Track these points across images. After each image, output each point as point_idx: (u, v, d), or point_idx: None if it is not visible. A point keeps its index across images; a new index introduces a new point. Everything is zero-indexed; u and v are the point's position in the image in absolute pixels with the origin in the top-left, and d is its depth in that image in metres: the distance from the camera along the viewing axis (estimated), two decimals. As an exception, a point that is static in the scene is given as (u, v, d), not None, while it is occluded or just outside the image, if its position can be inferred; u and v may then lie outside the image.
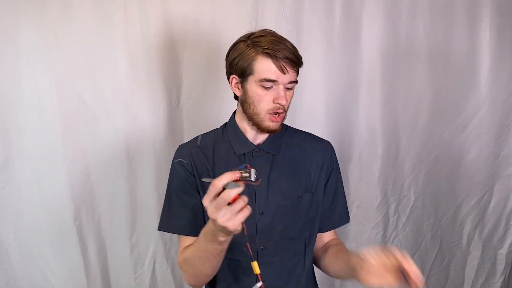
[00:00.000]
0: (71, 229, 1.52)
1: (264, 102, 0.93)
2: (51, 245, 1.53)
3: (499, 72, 1.63)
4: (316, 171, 1.03)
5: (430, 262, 1.81)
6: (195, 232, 0.95)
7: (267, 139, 1.01)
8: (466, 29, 1.60)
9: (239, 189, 0.70)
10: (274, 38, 0.93)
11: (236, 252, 0.97)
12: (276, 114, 0.94)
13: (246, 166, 0.72)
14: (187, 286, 1.70)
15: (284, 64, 0.90)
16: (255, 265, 0.80)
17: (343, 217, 1.10)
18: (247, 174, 0.71)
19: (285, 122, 1.07)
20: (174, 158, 1.03)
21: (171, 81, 1.50)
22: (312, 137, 1.10)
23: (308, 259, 1.06)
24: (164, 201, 1.05)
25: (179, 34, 1.46)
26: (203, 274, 0.93)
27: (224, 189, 0.70)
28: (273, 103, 0.93)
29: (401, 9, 1.56)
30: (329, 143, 1.10)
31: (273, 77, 0.91)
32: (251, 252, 0.81)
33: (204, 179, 0.78)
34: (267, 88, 0.92)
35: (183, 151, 1.03)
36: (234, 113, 1.06)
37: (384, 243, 1.76)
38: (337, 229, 1.13)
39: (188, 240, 0.99)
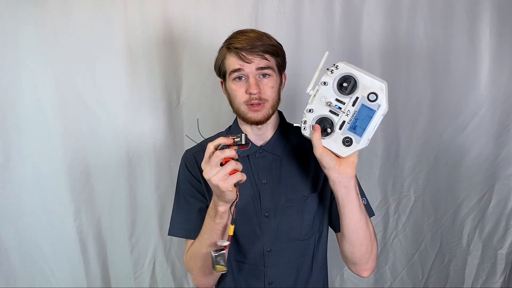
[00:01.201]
0: (71, 229, 1.52)
1: (238, 95, 0.94)
2: (51, 245, 1.53)
3: (499, 72, 1.63)
4: (323, 171, 1.02)
5: (430, 262, 1.81)
6: None
7: (270, 140, 1.01)
8: (466, 29, 1.59)
9: (231, 151, 0.75)
10: (242, 34, 0.94)
11: (248, 256, 0.98)
12: (253, 105, 0.93)
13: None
14: (187, 286, 1.71)
15: (244, 53, 0.91)
16: (231, 227, 0.83)
17: None
18: (238, 139, 0.77)
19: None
20: (181, 163, 1.04)
21: (171, 81, 1.50)
22: None
23: (318, 261, 1.04)
24: (173, 206, 1.05)
25: (179, 34, 1.46)
26: (209, 262, 0.91)
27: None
28: (246, 94, 0.93)
29: (401, 9, 1.56)
30: None
31: (236, 67, 0.92)
32: (234, 215, 0.84)
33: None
34: (239, 81, 0.93)
35: (188, 155, 1.04)
36: None
37: (384, 243, 1.76)
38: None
39: None
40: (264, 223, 0.97)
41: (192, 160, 1.02)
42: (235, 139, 0.77)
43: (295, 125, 0.87)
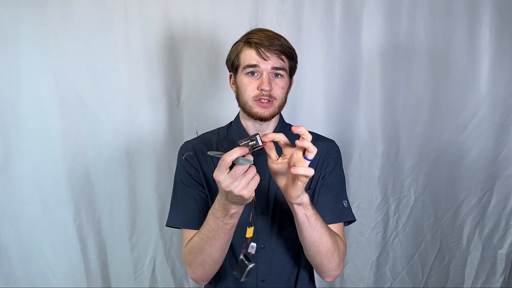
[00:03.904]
0: (71, 229, 1.52)
1: (249, 89, 0.94)
2: (51, 245, 1.53)
3: (499, 72, 1.63)
4: (317, 168, 1.02)
5: (430, 262, 1.81)
6: (200, 225, 0.94)
7: None
8: (466, 29, 1.60)
9: (250, 163, 0.73)
10: (261, 31, 0.95)
11: (241, 252, 0.97)
12: (262, 100, 0.94)
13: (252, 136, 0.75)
14: (187, 286, 1.71)
15: (263, 50, 0.92)
16: (250, 230, 0.82)
17: (337, 215, 1.02)
18: (253, 142, 0.74)
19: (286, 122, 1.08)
20: (179, 153, 1.04)
21: (171, 81, 1.50)
22: (315, 136, 1.08)
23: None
24: (171, 198, 1.05)
25: (179, 34, 1.46)
26: (212, 258, 0.91)
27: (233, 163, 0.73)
28: (257, 89, 0.94)
29: (401, 9, 1.56)
30: (333, 141, 1.09)
31: (253, 62, 0.93)
32: (250, 219, 0.83)
33: (210, 153, 0.79)
34: (252, 76, 0.94)
35: (187, 146, 1.04)
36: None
37: (384, 243, 1.76)
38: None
39: (193, 233, 0.97)
40: (258, 220, 0.98)
41: (191, 151, 1.02)
42: (250, 143, 0.74)
43: None
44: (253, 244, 0.84)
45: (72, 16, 1.38)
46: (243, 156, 0.73)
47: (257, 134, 0.75)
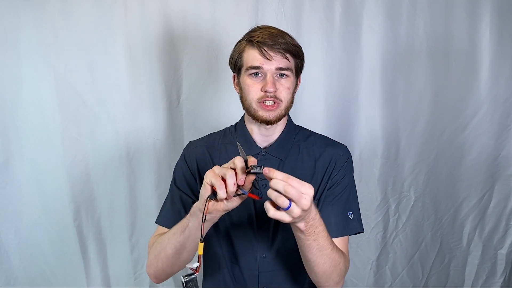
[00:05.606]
0: (71, 229, 1.52)
1: (253, 91, 0.91)
2: (51, 245, 1.53)
3: (499, 72, 1.63)
4: (324, 177, 0.97)
5: (430, 262, 1.81)
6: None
7: (274, 142, 0.98)
8: (466, 29, 1.60)
9: (242, 166, 0.72)
10: (264, 29, 0.91)
11: (242, 260, 0.97)
12: (267, 103, 0.90)
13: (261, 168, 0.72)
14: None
15: (266, 49, 0.88)
16: (200, 246, 0.75)
17: (342, 229, 0.95)
18: (258, 168, 0.72)
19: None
20: (181, 154, 1.03)
21: (171, 81, 1.50)
22: (325, 141, 1.03)
23: None
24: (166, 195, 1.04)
25: (179, 34, 1.47)
26: (165, 253, 0.87)
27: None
28: (261, 91, 0.90)
29: (401, 9, 1.56)
30: (343, 147, 1.02)
31: (256, 64, 0.89)
32: (202, 232, 0.76)
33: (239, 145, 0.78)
34: (255, 77, 0.90)
35: (190, 148, 1.02)
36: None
37: (384, 243, 1.76)
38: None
39: (165, 230, 0.95)
40: (260, 229, 0.95)
41: (192, 155, 1.00)
42: (254, 166, 0.72)
43: None
44: (194, 265, 0.75)
45: (72, 16, 1.38)
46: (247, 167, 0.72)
47: (263, 167, 0.72)
